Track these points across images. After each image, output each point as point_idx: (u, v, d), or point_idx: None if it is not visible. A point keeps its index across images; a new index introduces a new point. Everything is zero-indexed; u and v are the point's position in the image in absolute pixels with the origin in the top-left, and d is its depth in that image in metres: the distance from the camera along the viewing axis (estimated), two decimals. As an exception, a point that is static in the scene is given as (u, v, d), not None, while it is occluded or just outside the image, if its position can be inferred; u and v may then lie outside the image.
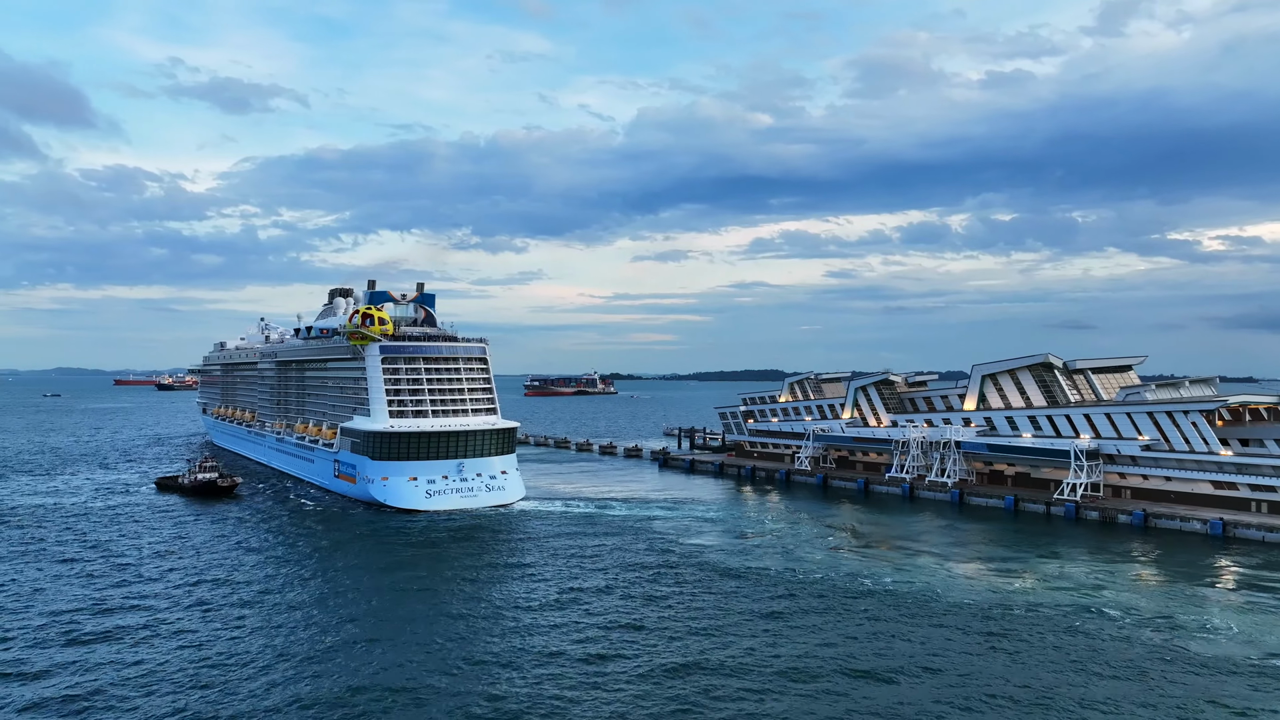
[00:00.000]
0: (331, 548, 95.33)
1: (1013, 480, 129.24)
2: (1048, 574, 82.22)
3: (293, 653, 59.55)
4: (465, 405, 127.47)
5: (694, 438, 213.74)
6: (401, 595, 74.42)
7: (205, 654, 59.14)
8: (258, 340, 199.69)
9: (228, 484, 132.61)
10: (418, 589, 76.61)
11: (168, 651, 59.50)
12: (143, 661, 57.74)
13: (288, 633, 64.11)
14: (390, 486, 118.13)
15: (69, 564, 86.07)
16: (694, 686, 53.64)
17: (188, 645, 60.91)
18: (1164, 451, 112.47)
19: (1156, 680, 54.75)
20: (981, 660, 58.19)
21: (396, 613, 69.14)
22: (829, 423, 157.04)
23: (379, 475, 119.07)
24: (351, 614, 68.77)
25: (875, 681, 54.60)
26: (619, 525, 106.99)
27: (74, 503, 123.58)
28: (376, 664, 57.30)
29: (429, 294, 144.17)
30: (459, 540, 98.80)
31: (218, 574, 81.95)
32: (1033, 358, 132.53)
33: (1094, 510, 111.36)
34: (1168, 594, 75.35)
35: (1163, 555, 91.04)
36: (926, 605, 70.98)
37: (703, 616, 67.99)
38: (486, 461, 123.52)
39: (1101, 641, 61.99)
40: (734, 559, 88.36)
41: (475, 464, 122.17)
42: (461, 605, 71.34)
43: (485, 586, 77.87)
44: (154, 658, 58.40)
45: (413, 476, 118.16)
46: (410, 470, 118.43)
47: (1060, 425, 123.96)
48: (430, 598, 73.70)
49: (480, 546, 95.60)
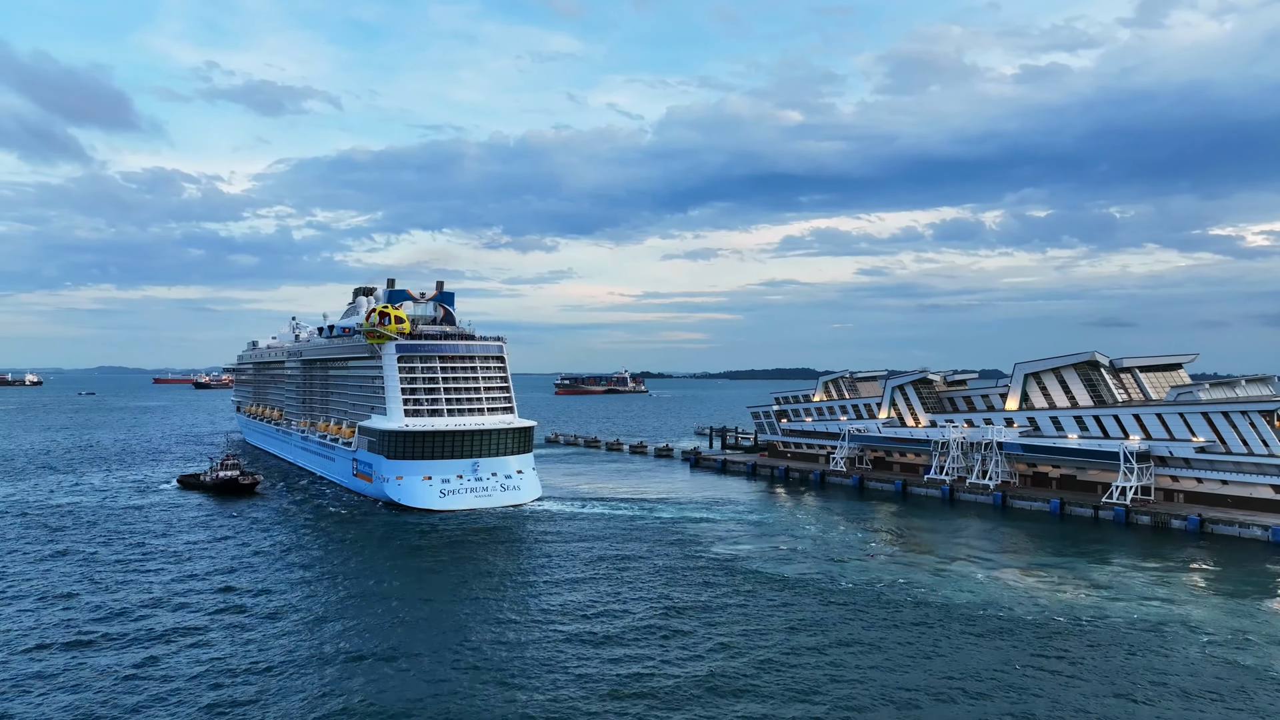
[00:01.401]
0: (340, 549, 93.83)
1: (1057, 483, 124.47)
2: (1101, 584, 77.84)
3: (271, 663, 57.13)
4: (481, 404, 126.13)
5: (726, 437, 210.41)
6: (409, 603, 71.90)
7: (172, 658, 57.20)
8: (288, 339, 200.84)
9: (249, 482, 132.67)
10: (421, 598, 73.82)
11: (164, 655, 57.53)
12: (141, 666, 55.87)
13: (265, 643, 61.61)
14: (405, 486, 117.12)
15: (71, 559, 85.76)
16: (725, 710, 50.50)
17: (184, 648, 58.92)
18: (1220, 454, 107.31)
19: (1234, 703, 50.72)
20: (1035, 680, 54.34)
21: (397, 621, 66.54)
22: (865, 422, 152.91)
23: (394, 474, 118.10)
24: (345, 624, 66.09)
25: (923, 703, 51.10)
26: (649, 528, 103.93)
27: (95, 502, 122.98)
28: (366, 679, 54.76)
29: (448, 292, 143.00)
30: (477, 543, 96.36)
31: (217, 575, 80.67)
32: (1078, 355, 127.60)
33: (1145, 515, 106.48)
34: (1235, 607, 70.65)
35: (1223, 564, 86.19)
36: (972, 618, 67.14)
37: (734, 628, 64.63)
38: (502, 461, 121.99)
39: (1165, 659, 57.89)
40: (769, 565, 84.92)
41: (491, 463, 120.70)
42: (472, 613, 68.62)
43: (501, 593, 74.89)
44: (148, 660, 56.54)
45: (427, 476, 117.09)
46: (425, 469, 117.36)
47: (1108, 426, 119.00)
48: (440, 604, 71.12)
49: (497, 549, 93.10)
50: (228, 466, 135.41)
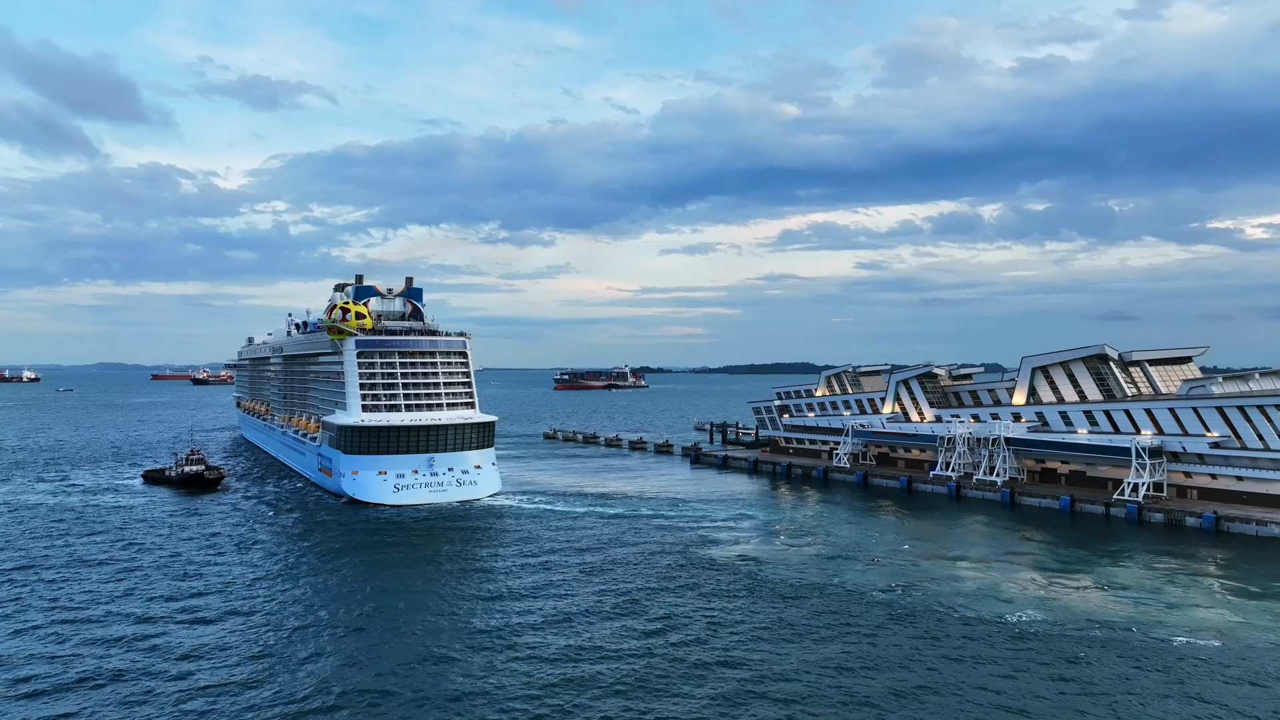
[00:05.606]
0: (283, 544, 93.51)
1: (1066, 479, 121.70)
2: (1118, 585, 74.98)
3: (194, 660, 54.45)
4: (441, 399, 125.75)
5: (726, 433, 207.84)
6: (356, 597, 69.23)
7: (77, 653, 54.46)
8: (282, 335, 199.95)
9: (214, 476, 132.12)
10: (371, 589, 71.37)
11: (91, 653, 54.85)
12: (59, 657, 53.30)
13: (184, 641, 59.61)
14: (360, 480, 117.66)
15: (12, 552, 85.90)
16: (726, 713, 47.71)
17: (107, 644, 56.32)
18: (1235, 449, 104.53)
19: (1261, 710, 47.98)
20: (1049, 693, 51.61)
21: (332, 617, 63.93)
22: (869, 418, 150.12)
23: (350, 469, 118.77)
24: (269, 620, 63.66)
25: (928, 706, 48.34)
26: (648, 526, 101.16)
27: (56, 502, 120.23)
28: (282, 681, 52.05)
29: (416, 288, 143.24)
30: (432, 538, 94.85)
31: (150, 571, 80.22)
32: (1087, 349, 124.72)
33: (1159, 512, 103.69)
34: (1262, 609, 67.93)
35: (1243, 563, 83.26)
36: (981, 622, 64.28)
37: (733, 629, 61.90)
38: (460, 456, 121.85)
39: (1196, 665, 55.15)
40: (769, 565, 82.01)
41: (447, 458, 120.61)
42: (415, 618, 65.96)
43: (456, 598, 72.26)
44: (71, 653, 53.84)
45: (382, 470, 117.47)
46: (380, 464, 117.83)
47: (1119, 421, 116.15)
48: (387, 598, 68.41)
49: (454, 548, 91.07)
50: (193, 461, 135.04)
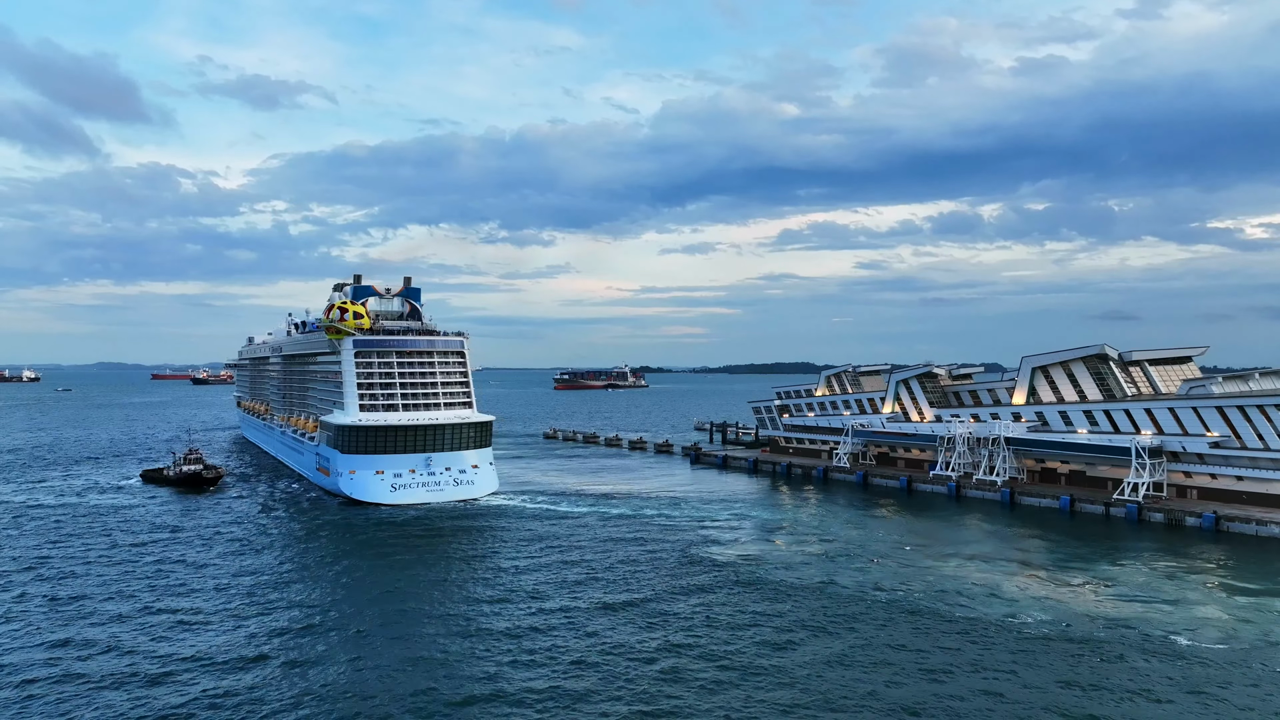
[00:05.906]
0: (279, 543, 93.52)
1: (1066, 479, 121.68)
2: (1118, 585, 74.95)
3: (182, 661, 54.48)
4: (438, 399, 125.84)
5: (726, 432, 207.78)
6: (355, 599, 69.21)
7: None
8: (282, 335, 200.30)
9: (212, 475, 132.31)
10: (345, 602, 71.25)
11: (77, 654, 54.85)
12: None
13: (176, 639, 59.97)
14: (357, 480, 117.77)
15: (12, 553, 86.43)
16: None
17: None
18: (1235, 449, 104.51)
19: (1263, 708, 47.95)
20: (1050, 692, 51.57)
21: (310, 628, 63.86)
22: (869, 417, 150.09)
23: (347, 469, 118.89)
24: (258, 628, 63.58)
25: (930, 710, 48.31)
26: (647, 525, 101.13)
27: (54, 502, 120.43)
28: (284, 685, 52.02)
29: (414, 288, 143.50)
30: (432, 538, 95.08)
31: (147, 570, 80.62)
32: (1087, 349, 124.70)
33: (1159, 512, 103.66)
34: (1262, 609, 67.85)
35: (1243, 563, 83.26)
36: (982, 624, 64.30)
37: (735, 634, 61.88)
38: (457, 455, 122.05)
39: (1196, 665, 55.12)
40: (770, 565, 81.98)
41: (444, 458, 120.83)
42: (403, 623, 65.92)
43: (456, 599, 72.21)
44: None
45: (379, 470, 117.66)
46: (377, 464, 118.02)
47: (1119, 421, 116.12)
48: (380, 603, 68.38)
49: (455, 549, 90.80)
50: (191, 460, 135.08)
